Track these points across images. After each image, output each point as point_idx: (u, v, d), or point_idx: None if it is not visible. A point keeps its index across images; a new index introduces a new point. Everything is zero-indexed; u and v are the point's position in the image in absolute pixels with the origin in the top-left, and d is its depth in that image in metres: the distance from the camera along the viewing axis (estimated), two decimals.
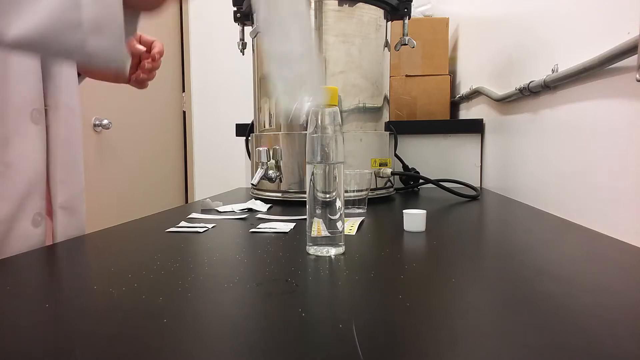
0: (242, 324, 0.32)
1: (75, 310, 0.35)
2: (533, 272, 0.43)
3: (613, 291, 0.38)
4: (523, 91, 0.95)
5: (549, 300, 0.35)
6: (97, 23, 0.39)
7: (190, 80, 2.59)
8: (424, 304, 0.35)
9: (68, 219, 0.68)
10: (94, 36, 0.39)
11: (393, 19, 1.07)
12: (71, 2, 0.38)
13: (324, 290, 0.40)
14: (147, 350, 0.28)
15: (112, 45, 0.40)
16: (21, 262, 0.51)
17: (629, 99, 0.60)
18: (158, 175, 2.44)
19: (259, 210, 0.85)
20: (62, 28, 0.38)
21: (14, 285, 0.41)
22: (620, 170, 0.62)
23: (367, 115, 0.99)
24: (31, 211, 0.62)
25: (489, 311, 0.34)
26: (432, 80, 1.65)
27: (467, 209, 0.88)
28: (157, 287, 0.40)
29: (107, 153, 2.00)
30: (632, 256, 0.50)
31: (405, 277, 0.42)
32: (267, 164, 0.93)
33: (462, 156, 1.37)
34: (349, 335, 0.29)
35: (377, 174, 1.00)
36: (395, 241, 0.59)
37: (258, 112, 1.04)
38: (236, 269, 0.46)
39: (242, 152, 1.43)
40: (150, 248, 0.56)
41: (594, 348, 0.27)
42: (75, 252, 0.57)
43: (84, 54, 0.40)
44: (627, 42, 0.56)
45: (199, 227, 0.67)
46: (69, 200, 0.69)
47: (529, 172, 0.99)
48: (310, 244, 0.51)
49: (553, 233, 0.64)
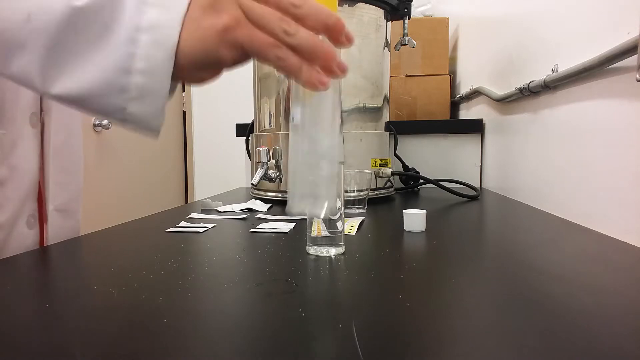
0: (242, 324, 0.32)
1: (75, 310, 0.35)
2: (533, 272, 0.43)
3: (613, 291, 0.38)
4: (523, 91, 0.95)
5: (549, 300, 0.35)
6: (142, 91, 0.37)
7: None
8: (424, 304, 0.35)
9: (63, 221, 0.68)
10: (136, 103, 0.38)
11: (393, 19, 1.07)
12: (122, 69, 0.36)
13: (324, 290, 0.40)
14: (147, 350, 0.28)
15: (151, 113, 0.39)
16: (21, 262, 0.51)
17: (629, 99, 0.60)
18: (158, 175, 2.44)
19: (259, 210, 0.85)
20: (107, 91, 0.37)
21: (13, 286, 0.41)
22: (620, 170, 0.62)
23: (367, 115, 0.99)
24: (26, 213, 0.62)
25: (489, 311, 0.34)
26: (432, 80, 1.65)
27: (467, 209, 0.88)
28: (157, 287, 0.40)
29: (107, 153, 2.00)
30: (632, 256, 0.50)
31: (405, 277, 0.42)
32: (267, 164, 0.93)
33: (462, 156, 1.37)
34: (349, 335, 0.29)
35: (377, 174, 1.00)
36: (395, 241, 0.59)
37: (258, 112, 1.04)
38: (236, 269, 0.46)
39: (242, 152, 1.43)
40: (150, 248, 0.56)
41: (594, 348, 0.27)
42: (75, 252, 0.57)
43: (121, 118, 0.39)
44: (627, 42, 0.56)
45: (199, 227, 0.67)
46: (66, 203, 0.69)
47: (529, 172, 0.99)
48: (310, 244, 0.51)
49: (553, 233, 0.64)
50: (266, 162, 0.93)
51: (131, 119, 0.38)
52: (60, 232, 0.67)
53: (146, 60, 0.36)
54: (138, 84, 0.37)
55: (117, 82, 0.37)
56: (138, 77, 0.37)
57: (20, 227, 0.61)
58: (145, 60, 0.36)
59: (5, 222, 0.58)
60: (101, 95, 0.37)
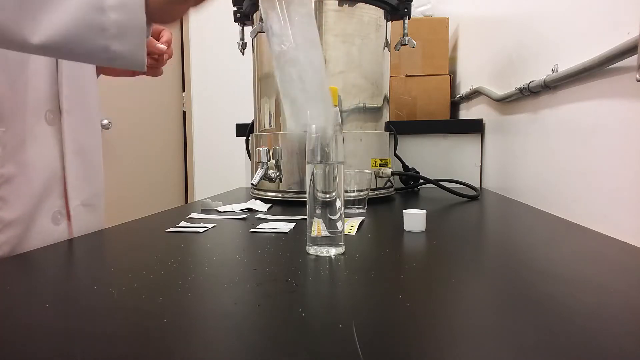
0: (242, 324, 0.32)
1: (75, 310, 0.35)
2: (533, 272, 0.43)
3: (613, 291, 0.38)
4: (523, 91, 0.95)
5: (549, 300, 0.35)
6: (120, 28, 0.40)
7: (190, 80, 2.59)
8: (424, 304, 0.35)
9: (87, 216, 0.69)
10: (117, 41, 0.40)
11: (393, 19, 1.07)
12: (95, 7, 0.38)
13: (324, 290, 0.40)
14: (147, 350, 0.28)
15: (134, 49, 0.42)
16: (21, 262, 0.51)
17: (629, 99, 0.60)
18: (158, 175, 2.44)
19: (259, 210, 0.85)
20: (87, 32, 0.39)
21: (13, 286, 0.41)
22: (620, 170, 0.62)
23: (367, 115, 0.99)
24: (50, 209, 0.62)
25: (488, 311, 0.34)
26: (432, 80, 1.65)
27: (467, 209, 0.88)
28: (157, 287, 0.40)
29: (107, 153, 1.99)
30: (632, 256, 0.50)
31: (405, 277, 0.42)
32: (267, 164, 0.93)
33: (462, 156, 1.37)
34: (349, 335, 0.29)
35: (377, 174, 1.00)
36: (395, 241, 0.59)
37: (258, 112, 1.04)
38: (236, 269, 0.46)
39: (242, 152, 1.43)
40: (150, 248, 0.56)
41: (594, 348, 0.27)
42: (75, 252, 0.57)
43: (107, 58, 0.41)
44: (627, 42, 0.56)
45: (199, 227, 0.67)
46: (90, 198, 0.70)
47: (529, 172, 0.99)
48: (310, 244, 0.51)
49: (553, 233, 0.64)
50: (266, 162, 0.93)
51: (116, 56, 0.41)
52: (85, 227, 0.68)
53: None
54: (115, 21, 0.39)
55: (95, 21, 0.39)
56: (112, 13, 0.39)
57: (43, 224, 0.61)
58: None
59: (18, 219, 0.58)
60: (82, 38, 0.39)
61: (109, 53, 0.40)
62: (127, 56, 0.42)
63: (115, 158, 2.05)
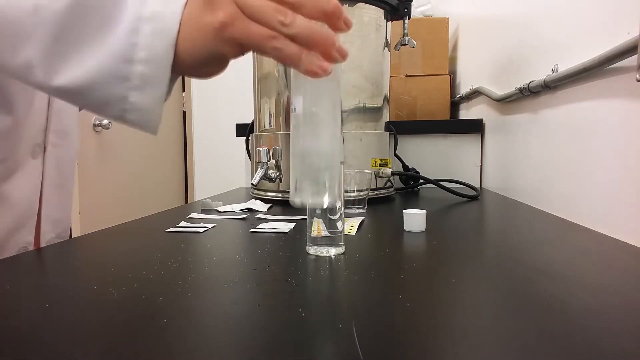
0: (242, 324, 0.32)
1: (75, 310, 0.35)
2: (533, 272, 0.43)
3: (613, 291, 0.38)
4: (523, 91, 0.95)
5: (549, 300, 0.35)
6: (143, 79, 0.37)
7: (190, 80, 2.59)
8: (424, 304, 0.35)
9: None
10: (137, 92, 0.38)
11: (393, 19, 1.07)
12: (125, 58, 0.37)
13: (324, 290, 0.40)
14: (147, 350, 0.28)
15: (151, 104, 0.39)
16: (21, 262, 0.51)
17: (629, 99, 0.60)
18: (158, 175, 2.44)
19: (259, 210, 0.85)
20: (109, 80, 0.37)
21: (13, 286, 0.41)
22: (620, 170, 0.62)
23: (367, 115, 0.99)
24: (16, 245, 0.61)
25: (488, 311, 0.34)
26: (432, 80, 1.65)
27: (467, 209, 0.88)
28: (157, 287, 0.40)
29: (107, 153, 1.99)
30: (632, 256, 0.50)
31: (405, 277, 0.42)
32: (267, 164, 0.93)
33: (462, 156, 1.37)
34: (349, 335, 0.29)
35: (377, 174, 1.00)
36: (395, 241, 0.59)
37: (258, 112, 1.04)
38: (236, 269, 0.46)
39: (242, 152, 1.43)
40: (150, 248, 0.56)
41: (594, 348, 0.27)
42: (75, 252, 0.57)
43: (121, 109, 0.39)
44: (627, 42, 0.56)
45: (199, 227, 0.67)
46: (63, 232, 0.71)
47: (529, 172, 0.99)
48: (310, 244, 0.51)
49: (553, 233, 0.64)
50: (266, 162, 0.93)
51: (132, 108, 0.39)
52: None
53: (148, 50, 0.36)
54: (139, 73, 0.37)
55: (119, 71, 0.37)
56: (139, 66, 0.37)
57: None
58: (147, 50, 0.36)
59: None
60: (103, 85, 0.38)
61: (126, 104, 0.38)
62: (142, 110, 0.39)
63: (115, 158, 2.05)
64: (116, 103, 0.38)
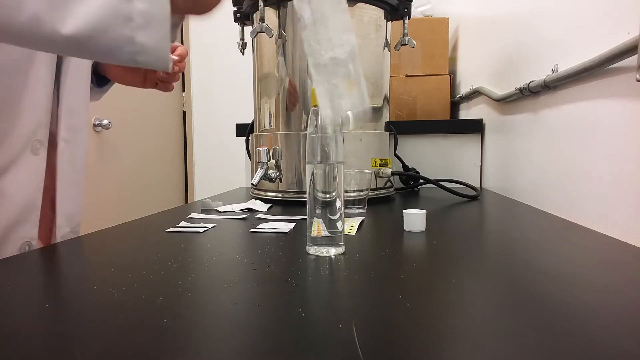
0: (242, 324, 0.32)
1: (75, 310, 0.35)
2: (533, 272, 0.43)
3: (613, 291, 0.38)
4: (523, 91, 0.95)
5: (549, 299, 0.35)
6: (146, 18, 0.40)
7: (190, 80, 2.59)
8: (424, 304, 0.35)
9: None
10: (143, 31, 0.40)
11: (393, 19, 1.07)
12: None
13: (324, 290, 0.40)
14: (147, 350, 0.28)
15: (159, 43, 0.41)
16: (21, 262, 0.51)
17: (629, 99, 0.60)
18: (158, 175, 2.44)
19: (259, 210, 0.85)
20: (113, 21, 0.39)
21: (13, 286, 0.41)
22: (620, 170, 0.62)
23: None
24: (19, 239, 0.62)
25: (488, 311, 0.34)
26: (432, 80, 1.65)
27: (467, 209, 0.88)
28: (157, 287, 0.40)
29: (107, 153, 1.99)
30: (632, 256, 0.50)
31: (405, 277, 0.42)
32: (267, 164, 0.93)
33: (462, 156, 1.37)
34: (349, 335, 0.29)
35: (377, 174, 1.00)
36: (395, 241, 0.59)
37: (258, 112, 1.04)
38: (236, 269, 0.46)
39: (242, 152, 1.43)
40: (150, 248, 0.56)
41: (593, 347, 0.27)
42: (75, 252, 0.57)
43: (131, 51, 0.41)
44: (627, 42, 0.56)
45: (199, 227, 0.67)
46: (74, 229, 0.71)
47: (529, 172, 0.99)
48: (310, 244, 0.51)
49: (553, 233, 0.64)
50: (266, 162, 0.93)
51: (140, 50, 0.41)
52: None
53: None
54: (140, 10, 0.39)
55: (121, 10, 0.39)
56: (139, 3, 0.39)
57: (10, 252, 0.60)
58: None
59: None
60: (108, 28, 0.39)
61: (134, 45, 0.40)
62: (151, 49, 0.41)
63: (115, 158, 2.05)
64: (125, 45, 0.40)
